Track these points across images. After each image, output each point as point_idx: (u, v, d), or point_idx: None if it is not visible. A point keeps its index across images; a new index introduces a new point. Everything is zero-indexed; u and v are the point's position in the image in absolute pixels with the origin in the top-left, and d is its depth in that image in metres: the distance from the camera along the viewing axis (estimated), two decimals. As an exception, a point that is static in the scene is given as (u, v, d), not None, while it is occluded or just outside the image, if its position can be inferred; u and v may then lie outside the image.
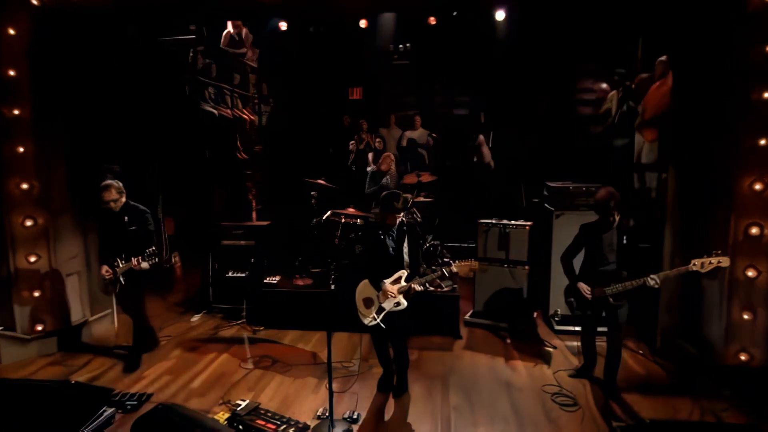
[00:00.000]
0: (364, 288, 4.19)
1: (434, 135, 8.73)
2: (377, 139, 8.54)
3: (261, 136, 7.93)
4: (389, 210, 4.03)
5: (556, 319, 5.49)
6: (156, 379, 4.63)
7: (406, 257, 4.10)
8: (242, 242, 6.24)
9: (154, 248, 4.60)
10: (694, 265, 3.86)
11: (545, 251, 5.66)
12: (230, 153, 6.71)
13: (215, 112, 6.59)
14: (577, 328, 5.25)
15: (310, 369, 4.84)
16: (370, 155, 8.46)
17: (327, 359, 3.72)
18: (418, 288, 4.08)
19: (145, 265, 4.60)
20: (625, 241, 4.12)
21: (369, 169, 7.68)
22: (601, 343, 4.55)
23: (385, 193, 4.13)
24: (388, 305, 4.09)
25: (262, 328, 5.74)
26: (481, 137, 8.28)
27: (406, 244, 4.10)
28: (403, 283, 4.08)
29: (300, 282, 6.00)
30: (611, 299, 4.14)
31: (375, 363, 4.66)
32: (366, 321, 4.15)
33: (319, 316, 5.49)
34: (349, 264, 5.78)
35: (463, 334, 5.59)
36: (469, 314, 5.92)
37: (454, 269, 4.11)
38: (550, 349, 5.19)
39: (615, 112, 6.93)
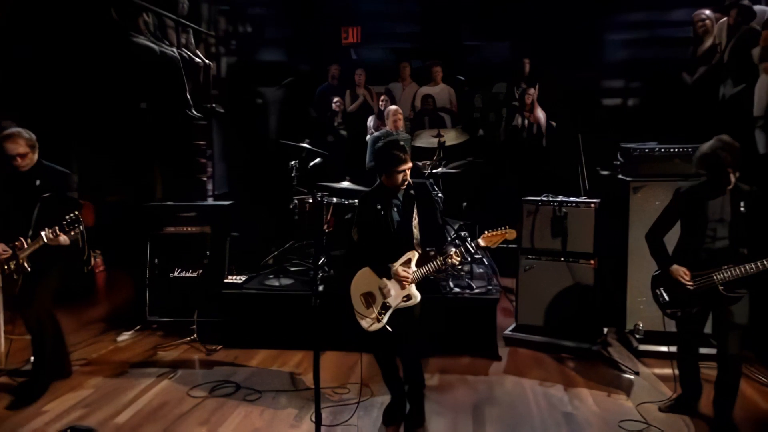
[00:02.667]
0: (362, 279, 4.16)
1: (462, 78, 8.62)
2: (382, 97, 8.40)
3: (220, 88, 7.87)
4: (388, 165, 3.94)
5: (638, 336, 5.36)
6: (63, 414, 4.49)
7: (416, 233, 4.06)
8: (193, 229, 6.17)
9: (76, 213, 4.45)
10: None
11: (619, 238, 5.53)
12: (177, 107, 6.54)
13: (155, 47, 6.41)
14: (665, 349, 5.14)
15: (288, 397, 4.75)
16: (371, 119, 8.32)
17: (313, 382, 3.59)
18: (448, 263, 3.99)
19: (63, 238, 4.47)
20: (743, 209, 3.94)
21: (369, 136, 7.60)
22: (707, 371, 4.40)
23: (380, 143, 4.11)
24: (394, 300, 4.04)
25: (220, 347, 5.65)
26: (532, 91, 8.16)
27: (415, 215, 4.04)
28: (413, 267, 4.04)
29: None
30: (722, 289, 3.96)
31: (379, 389, 4.57)
32: (366, 324, 4.08)
33: (303, 328, 5.39)
34: (344, 257, 5.70)
35: (503, 354, 5.51)
36: (510, 328, 5.85)
37: (483, 243, 4.02)
38: (630, 376, 5.05)
39: (725, 46, 6.73)
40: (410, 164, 4.01)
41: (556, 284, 5.61)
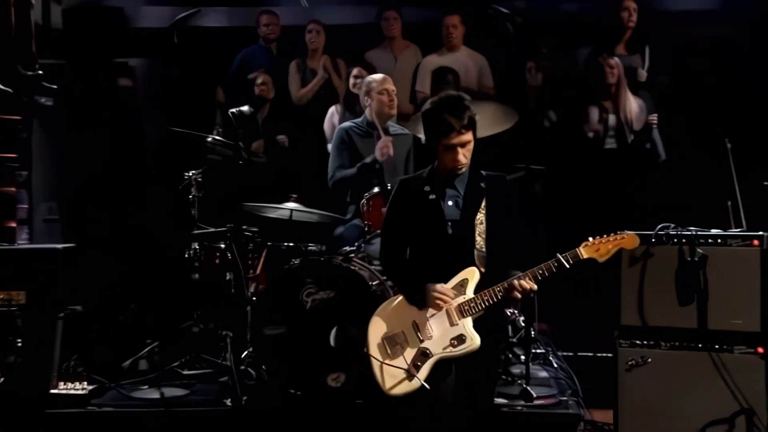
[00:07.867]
0: (386, 316, 4.37)
1: (506, 12, 8.23)
2: (355, 71, 7.99)
3: (50, 44, 7.66)
4: (433, 134, 4.28)
5: None
6: None
7: (480, 242, 4.23)
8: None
9: None
10: None
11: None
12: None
13: None
14: None
15: None
16: (333, 112, 7.97)
17: None
18: (523, 289, 4.10)
19: None
20: None
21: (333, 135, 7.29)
22: None
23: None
24: (437, 345, 4.13)
25: None
26: (615, 63, 7.72)
27: (482, 216, 4.25)
28: (470, 293, 4.14)
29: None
30: None
31: None
32: (389, 383, 4.16)
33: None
34: (282, 339, 5.65)
35: None
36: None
37: (585, 254, 4.14)
38: None
39: None
40: (469, 137, 4.21)
41: (693, 393, 5.02)
